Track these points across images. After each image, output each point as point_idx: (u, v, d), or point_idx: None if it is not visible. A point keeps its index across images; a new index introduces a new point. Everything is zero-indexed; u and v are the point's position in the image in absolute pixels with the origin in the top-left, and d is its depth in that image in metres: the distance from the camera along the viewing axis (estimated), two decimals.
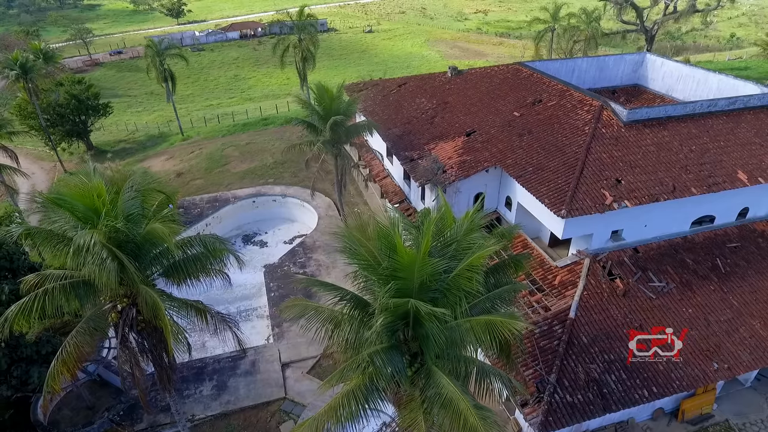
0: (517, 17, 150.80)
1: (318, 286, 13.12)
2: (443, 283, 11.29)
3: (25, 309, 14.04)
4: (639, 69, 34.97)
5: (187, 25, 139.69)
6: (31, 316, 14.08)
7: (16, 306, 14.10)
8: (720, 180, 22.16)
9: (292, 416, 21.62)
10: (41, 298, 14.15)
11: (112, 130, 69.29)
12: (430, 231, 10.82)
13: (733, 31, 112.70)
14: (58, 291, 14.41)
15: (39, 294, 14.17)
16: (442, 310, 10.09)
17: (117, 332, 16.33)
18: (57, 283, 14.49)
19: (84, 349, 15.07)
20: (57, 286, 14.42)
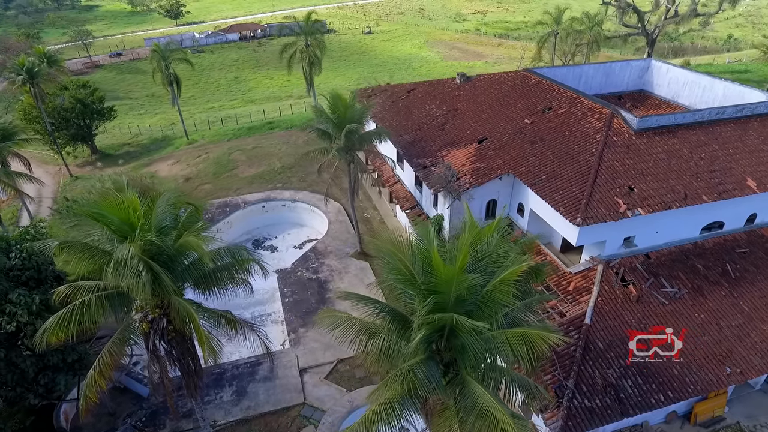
0: (515, 18, 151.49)
1: (356, 300, 13.43)
2: (478, 296, 11.68)
3: (63, 320, 14.35)
4: (644, 75, 35.47)
5: (186, 27, 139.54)
6: (68, 327, 14.39)
7: (54, 318, 14.41)
8: (730, 187, 22.66)
9: (312, 421, 21.97)
10: (78, 309, 14.46)
11: (116, 134, 69.40)
12: (467, 247, 11.18)
13: (731, 32, 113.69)
14: (94, 302, 14.73)
15: (76, 305, 14.48)
16: (484, 325, 10.49)
17: (147, 342, 16.69)
18: (93, 294, 14.80)
19: (118, 359, 15.41)
20: (94, 298, 14.75)
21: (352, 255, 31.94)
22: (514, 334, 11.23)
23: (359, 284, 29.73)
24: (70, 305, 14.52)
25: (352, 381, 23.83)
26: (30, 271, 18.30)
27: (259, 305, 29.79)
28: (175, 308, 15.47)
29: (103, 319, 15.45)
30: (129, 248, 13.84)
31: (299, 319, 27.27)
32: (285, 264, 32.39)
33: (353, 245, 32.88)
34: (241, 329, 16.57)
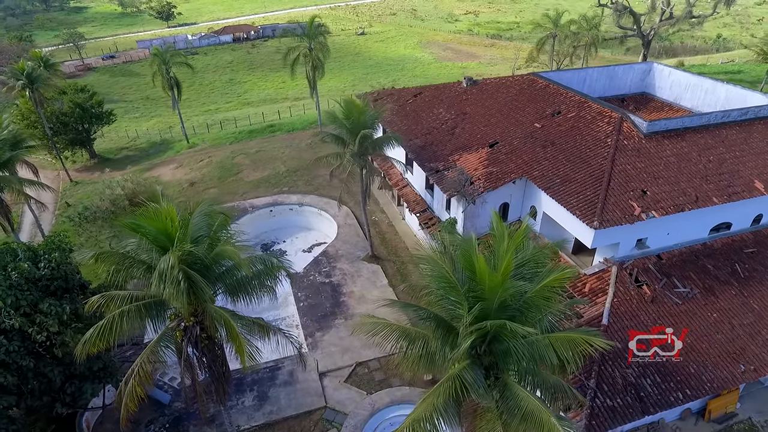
0: (506, 18, 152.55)
1: (401, 307, 13.71)
2: (521, 302, 12.06)
3: (103, 331, 14.52)
4: (646, 78, 36.15)
5: (178, 28, 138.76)
6: (109, 337, 14.56)
7: (95, 328, 14.57)
8: (739, 189, 23.30)
9: (335, 425, 22.24)
10: (118, 319, 14.62)
11: (113, 137, 69.02)
12: (511, 254, 11.55)
13: (719, 31, 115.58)
14: (133, 312, 14.90)
15: (116, 315, 14.65)
16: (533, 330, 10.86)
17: (178, 350, 16.89)
18: (132, 304, 14.97)
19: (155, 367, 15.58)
20: (133, 308, 14.91)
21: (363, 258, 32.23)
22: (558, 338, 11.63)
23: (372, 287, 30.08)
24: (110, 315, 14.68)
25: (371, 384, 24.14)
26: (58, 281, 18.39)
27: (272, 310, 29.91)
28: (210, 316, 15.71)
29: (138, 328, 15.63)
30: (170, 258, 14.04)
31: (315, 323, 27.51)
32: (295, 268, 32.53)
33: (364, 249, 33.16)
34: (274, 335, 16.82)
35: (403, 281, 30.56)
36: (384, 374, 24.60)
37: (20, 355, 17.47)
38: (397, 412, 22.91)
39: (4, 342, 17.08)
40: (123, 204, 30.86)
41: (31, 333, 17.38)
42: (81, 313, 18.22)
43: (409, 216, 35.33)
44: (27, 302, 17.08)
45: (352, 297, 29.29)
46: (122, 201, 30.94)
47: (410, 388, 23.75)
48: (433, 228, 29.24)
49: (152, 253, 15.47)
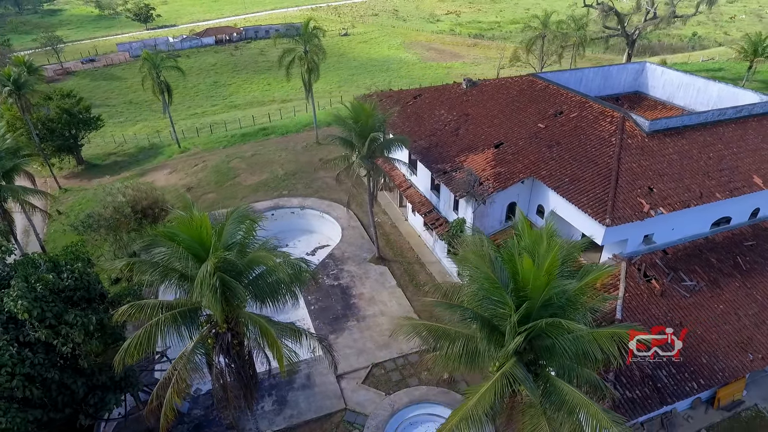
0: (487, 18, 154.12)
1: (446, 308, 13.94)
2: (563, 299, 12.44)
3: (140, 341, 14.46)
4: (639, 77, 37.13)
5: (157, 31, 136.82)
6: (147, 346, 14.53)
7: (133, 338, 14.49)
8: (739, 185, 24.18)
9: (356, 426, 22.41)
10: (154, 329, 14.59)
11: (99, 143, 67.76)
12: (555, 254, 11.92)
13: (694, 29, 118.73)
14: (169, 320, 14.87)
15: (153, 325, 14.60)
16: (584, 327, 11.25)
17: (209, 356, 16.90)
18: (168, 313, 14.94)
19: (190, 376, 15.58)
20: (168, 317, 14.88)
21: (370, 260, 32.42)
22: (602, 333, 12.04)
23: (381, 289, 30.31)
24: (148, 324, 14.62)
25: (389, 384, 24.37)
26: (81, 291, 18.18)
27: (283, 314, 29.73)
28: (244, 322, 15.78)
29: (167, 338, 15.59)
30: (208, 265, 14.07)
31: (327, 326, 27.62)
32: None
33: (369, 250, 33.36)
34: (306, 339, 16.95)
35: (411, 282, 30.89)
36: (401, 375, 24.85)
37: (45, 368, 17.27)
38: (416, 411, 23.21)
39: (29, 355, 16.87)
40: (126, 211, 30.41)
41: (56, 345, 17.17)
42: (106, 323, 18.06)
43: (413, 217, 35.65)
44: (52, 314, 16.87)
45: (362, 299, 29.47)
46: (125, 208, 30.48)
47: (427, 387, 24.07)
48: (441, 229, 29.60)
49: (185, 261, 15.45)
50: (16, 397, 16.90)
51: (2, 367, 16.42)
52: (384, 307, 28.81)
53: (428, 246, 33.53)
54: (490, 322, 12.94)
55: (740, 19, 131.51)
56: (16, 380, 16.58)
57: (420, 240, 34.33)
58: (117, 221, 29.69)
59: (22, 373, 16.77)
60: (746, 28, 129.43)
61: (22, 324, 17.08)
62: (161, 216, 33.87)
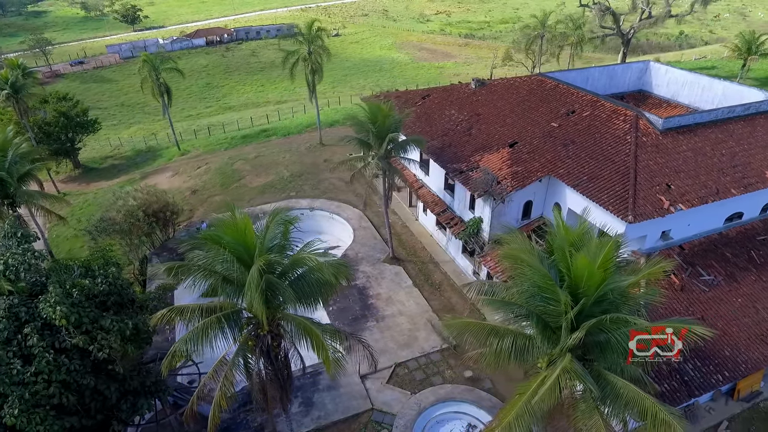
0: (476, 18, 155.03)
1: (501, 306, 14.08)
2: (617, 295, 12.70)
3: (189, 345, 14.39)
4: (643, 76, 37.73)
5: (145, 32, 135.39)
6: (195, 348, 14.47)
7: (179, 342, 14.43)
8: (753, 181, 24.75)
9: (384, 426, 22.49)
10: (201, 332, 14.55)
11: (94, 146, 66.97)
12: (610, 250, 12.16)
13: (681, 28, 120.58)
14: (214, 324, 14.84)
15: (199, 328, 14.56)
16: (645, 322, 11.50)
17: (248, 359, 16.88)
18: (213, 316, 14.91)
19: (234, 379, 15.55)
20: (213, 320, 14.85)
21: (384, 260, 32.52)
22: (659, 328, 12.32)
23: (398, 288, 30.42)
24: (195, 329, 14.58)
25: (413, 384, 24.49)
26: (114, 296, 18.02)
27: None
28: (288, 324, 15.81)
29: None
30: (256, 268, 14.09)
31: (347, 326, 27.60)
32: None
33: (382, 251, 33.46)
34: (345, 340, 17.00)
35: (427, 281, 31.07)
36: (424, 373, 25.00)
37: (80, 374, 17.09)
38: (443, 409, 23.37)
39: (65, 361, 16.67)
40: (139, 215, 30.17)
41: (92, 351, 16.99)
42: (140, 327, 17.93)
43: (423, 216, 35.83)
44: (89, 319, 16.70)
45: (380, 299, 29.55)
46: (137, 212, 30.23)
47: (452, 385, 24.25)
48: (456, 228, 29.81)
49: (228, 264, 15.42)
50: (52, 405, 16.71)
51: (39, 374, 16.23)
52: (402, 307, 28.93)
53: (441, 245, 33.72)
54: (542, 319, 13.13)
55: (724, 17, 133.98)
56: (53, 387, 16.39)
57: (432, 239, 34.51)
58: (131, 225, 29.42)
59: (59, 380, 16.60)
60: (730, 26, 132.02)
61: (57, 330, 16.88)
62: (172, 219, 33.70)
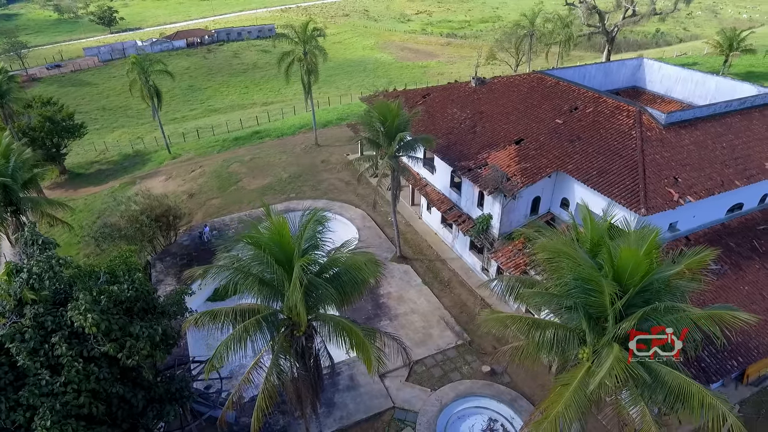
0: (457, 17, 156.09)
1: (543, 298, 14.28)
2: (661, 284, 13.05)
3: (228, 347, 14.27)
4: (637, 72, 38.61)
5: (122, 34, 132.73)
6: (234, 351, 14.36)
7: (221, 345, 14.28)
8: (754, 172, 25.58)
9: (407, 423, 22.58)
10: (243, 334, 14.43)
11: (79, 151, 65.36)
12: (653, 241, 12.50)
13: (656, 26, 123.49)
14: (254, 326, 14.72)
15: (240, 331, 14.44)
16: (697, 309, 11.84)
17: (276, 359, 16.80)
18: (253, 318, 14.81)
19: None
20: (253, 322, 14.74)
21: (391, 259, 32.60)
22: (702, 315, 12.69)
23: (408, 287, 30.55)
24: (235, 331, 14.45)
25: (432, 380, 24.64)
26: (140, 302, 17.72)
27: None
28: (323, 324, 15.80)
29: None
30: (298, 269, 14.05)
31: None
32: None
33: (388, 249, 33.54)
34: (380, 339, 17.04)
35: (436, 279, 31.26)
36: (442, 370, 25.17)
37: (109, 383, 16.78)
38: (464, 405, 23.58)
39: (94, 370, 16.35)
40: (144, 220, 29.64)
41: (120, 358, 16.69)
42: (168, 332, 17.67)
43: (427, 215, 36.01)
44: (118, 326, 16.39)
45: (391, 298, 29.63)
46: (141, 217, 29.69)
47: (471, 381, 24.49)
48: (464, 226, 30.07)
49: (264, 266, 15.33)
50: (81, 415, 16.36)
51: (68, 384, 15.89)
52: (414, 305, 29.07)
53: (446, 243, 33.95)
54: (586, 310, 13.40)
55: (697, 15, 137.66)
56: (83, 397, 16.06)
57: (437, 238, 34.72)
58: (137, 230, 28.90)
59: (88, 389, 16.27)
60: (703, 24, 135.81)
61: (85, 338, 16.52)
62: (175, 224, 33.22)
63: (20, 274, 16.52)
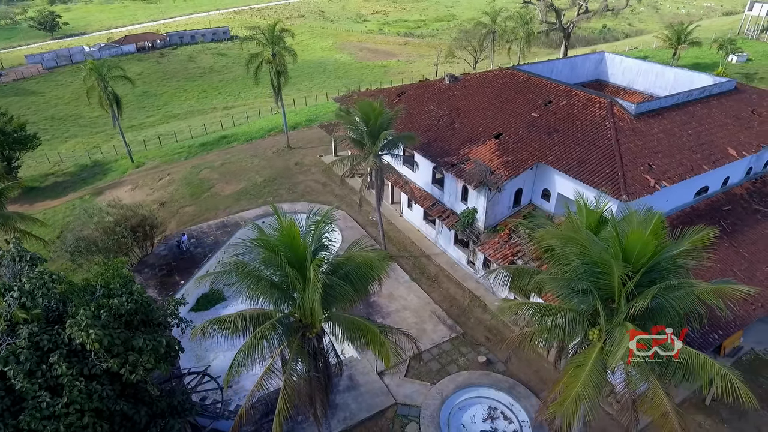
0: (412, 17, 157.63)
1: (554, 283, 14.70)
2: (668, 263, 13.75)
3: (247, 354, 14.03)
4: (599, 66, 40.21)
5: (66, 40, 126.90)
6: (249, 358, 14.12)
7: (239, 352, 14.01)
8: (719, 157, 27.17)
9: (411, 418, 22.75)
10: (259, 339, 14.22)
11: (31, 164, 62.08)
12: (658, 221, 13.23)
13: (603, 22, 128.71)
14: (270, 330, 14.54)
15: (257, 336, 14.22)
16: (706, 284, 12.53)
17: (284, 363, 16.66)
18: (269, 322, 14.61)
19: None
20: (269, 326, 14.55)
21: None
22: (706, 290, 13.46)
23: (397, 284, 30.71)
24: (252, 337, 14.21)
25: (430, 374, 24.90)
26: (140, 315, 17.11)
27: None
28: (335, 323, 15.79)
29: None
30: (315, 269, 13.98)
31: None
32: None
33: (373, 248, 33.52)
34: (391, 336, 17.13)
35: (423, 274, 31.58)
36: (439, 363, 25.48)
37: (112, 400, 16.15)
38: (464, 395, 23.95)
39: (97, 388, 15.69)
40: (122, 231, 28.54)
41: (123, 374, 16.09)
42: (172, 344, 17.16)
43: (408, 212, 36.31)
44: (120, 341, 15.79)
45: (381, 296, 29.67)
46: (120, 228, 28.57)
47: (469, 372, 24.90)
48: (449, 221, 30.51)
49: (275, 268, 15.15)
50: None
51: (71, 404, 15.19)
52: (405, 302, 29.27)
53: (430, 239, 34.34)
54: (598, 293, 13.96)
55: (640, 11, 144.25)
56: (87, 417, 15.39)
57: (420, 234, 35.06)
58: (114, 242, 27.81)
59: (91, 409, 15.61)
60: (646, 19, 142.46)
61: (85, 356, 15.84)
62: (152, 234, 32.20)
63: (10, 293, 15.65)
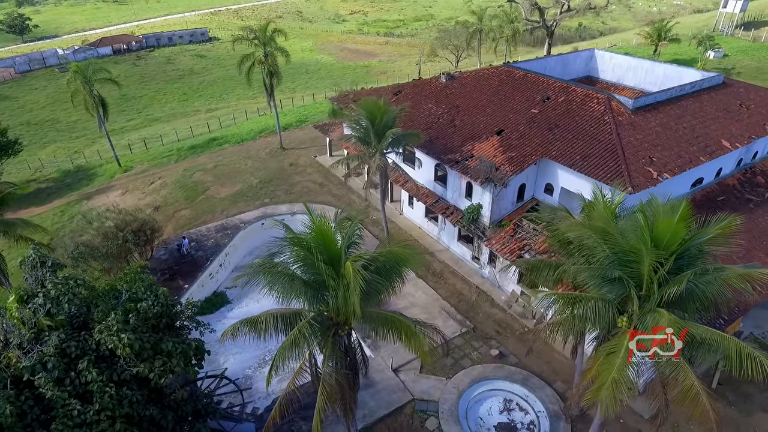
0: (391, 17, 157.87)
1: (586, 272, 15.02)
2: (696, 251, 14.23)
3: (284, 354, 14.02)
4: (589, 62, 41.08)
5: (38, 43, 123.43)
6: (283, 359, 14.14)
7: (278, 353, 13.97)
8: (714, 149, 28.09)
9: (430, 413, 22.95)
10: (299, 337, 14.22)
11: (11, 170, 60.27)
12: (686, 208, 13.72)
13: (579, 20, 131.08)
14: (307, 329, 14.53)
15: (297, 335, 14.20)
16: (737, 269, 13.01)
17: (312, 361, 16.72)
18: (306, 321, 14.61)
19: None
20: (306, 324, 14.55)
21: None
22: (731, 275, 13.99)
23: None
24: (291, 336, 14.18)
25: (445, 369, 25.14)
26: (166, 318, 16.89)
27: None
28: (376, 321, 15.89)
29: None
30: (352, 267, 14.04)
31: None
32: None
33: (374, 246, 33.65)
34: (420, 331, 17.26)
35: (428, 271, 31.80)
36: (452, 358, 25.73)
37: (142, 405, 15.91)
38: (480, 389, 24.26)
39: (127, 393, 15.44)
40: (122, 236, 27.99)
41: (152, 378, 15.87)
42: (200, 346, 16.98)
43: (409, 210, 36.49)
44: (149, 345, 15.58)
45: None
46: (123, 233, 28.02)
47: (482, 365, 25.23)
48: (453, 217, 30.81)
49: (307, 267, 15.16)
50: None
51: (102, 411, 14.93)
52: (413, 299, 29.45)
53: (432, 236, 34.59)
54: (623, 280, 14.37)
55: (613, 9, 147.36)
56: (119, 423, 15.14)
57: (422, 231, 35.28)
58: (118, 248, 27.29)
59: (122, 415, 15.36)
60: (619, 17, 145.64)
61: (114, 361, 15.57)
62: (153, 238, 31.71)
63: (34, 300, 15.28)
